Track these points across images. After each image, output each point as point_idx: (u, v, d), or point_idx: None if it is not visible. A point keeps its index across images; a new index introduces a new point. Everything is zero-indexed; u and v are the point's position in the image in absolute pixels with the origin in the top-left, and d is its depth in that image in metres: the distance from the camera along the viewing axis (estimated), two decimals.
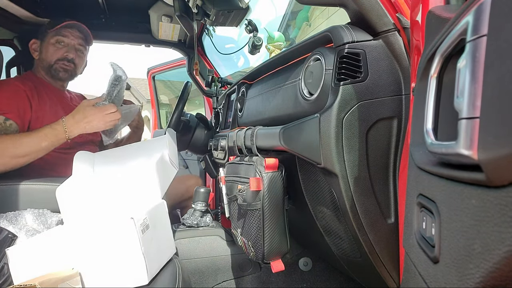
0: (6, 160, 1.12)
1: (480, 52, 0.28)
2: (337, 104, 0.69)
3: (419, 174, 0.42)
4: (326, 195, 0.81)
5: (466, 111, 0.29)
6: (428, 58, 0.42)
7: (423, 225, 0.41)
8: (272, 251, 0.92)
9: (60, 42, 1.44)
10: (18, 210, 1.08)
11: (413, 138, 0.47)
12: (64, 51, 1.45)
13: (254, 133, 0.99)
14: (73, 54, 1.47)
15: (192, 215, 1.43)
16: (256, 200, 0.90)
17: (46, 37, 1.44)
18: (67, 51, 1.45)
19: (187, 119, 1.76)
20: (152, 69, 3.09)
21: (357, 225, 0.74)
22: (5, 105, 1.23)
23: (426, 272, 0.39)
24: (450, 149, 0.32)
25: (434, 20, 0.47)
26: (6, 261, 0.82)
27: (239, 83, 1.37)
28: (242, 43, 1.72)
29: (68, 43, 1.46)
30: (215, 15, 1.30)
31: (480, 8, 0.29)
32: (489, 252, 0.27)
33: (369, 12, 0.71)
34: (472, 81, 0.29)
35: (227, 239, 1.36)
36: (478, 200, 0.29)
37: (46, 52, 1.44)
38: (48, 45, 1.44)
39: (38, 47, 1.46)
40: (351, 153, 0.70)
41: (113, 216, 0.88)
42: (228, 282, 1.32)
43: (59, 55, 1.44)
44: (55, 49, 1.44)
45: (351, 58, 0.70)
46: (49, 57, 1.44)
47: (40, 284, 0.75)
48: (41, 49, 1.45)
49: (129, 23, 1.97)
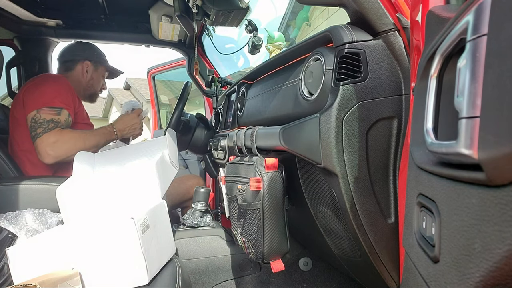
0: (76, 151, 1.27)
1: (480, 52, 0.28)
2: (337, 104, 0.69)
3: (419, 174, 0.42)
4: (326, 195, 0.81)
5: (466, 110, 0.29)
6: (428, 57, 0.42)
7: (423, 224, 0.41)
8: (272, 251, 0.92)
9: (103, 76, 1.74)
10: (18, 210, 1.08)
11: (413, 137, 0.47)
12: (102, 83, 1.75)
13: (254, 133, 0.99)
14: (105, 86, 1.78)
15: (192, 215, 1.43)
16: (256, 200, 0.90)
17: (100, 68, 1.69)
18: (103, 84, 1.76)
19: (187, 119, 1.76)
20: (152, 69, 3.09)
21: (357, 225, 0.74)
22: (67, 100, 1.40)
23: (426, 272, 0.39)
24: (450, 148, 0.32)
25: (434, 20, 0.47)
26: (6, 261, 0.82)
27: (239, 83, 1.37)
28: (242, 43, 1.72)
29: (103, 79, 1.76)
30: (215, 15, 1.30)
31: (480, 7, 0.29)
32: (489, 252, 0.27)
33: (369, 12, 0.71)
34: (472, 80, 0.29)
35: (227, 239, 1.36)
36: (478, 200, 0.29)
37: (97, 80, 1.69)
38: (98, 75, 1.69)
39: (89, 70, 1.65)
40: (351, 153, 0.70)
41: (113, 216, 0.88)
42: (228, 282, 1.32)
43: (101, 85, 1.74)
44: (99, 81, 1.71)
45: (351, 58, 0.70)
46: (96, 86, 1.70)
47: (40, 284, 0.75)
48: (92, 75, 1.67)
49: (129, 23, 1.97)
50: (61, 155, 1.31)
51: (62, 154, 1.31)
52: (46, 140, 1.29)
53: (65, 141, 1.32)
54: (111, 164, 1.20)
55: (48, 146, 1.29)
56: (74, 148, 1.31)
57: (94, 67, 1.66)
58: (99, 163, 1.21)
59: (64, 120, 1.36)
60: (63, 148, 1.31)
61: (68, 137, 1.33)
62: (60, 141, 1.30)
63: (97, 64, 1.68)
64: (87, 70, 1.64)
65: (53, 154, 1.29)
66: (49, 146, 1.29)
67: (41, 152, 1.30)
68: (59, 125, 1.33)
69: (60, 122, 1.34)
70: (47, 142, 1.29)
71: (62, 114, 1.36)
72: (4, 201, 1.12)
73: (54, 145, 1.29)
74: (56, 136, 1.30)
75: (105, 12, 1.83)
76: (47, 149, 1.29)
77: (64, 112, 1.36)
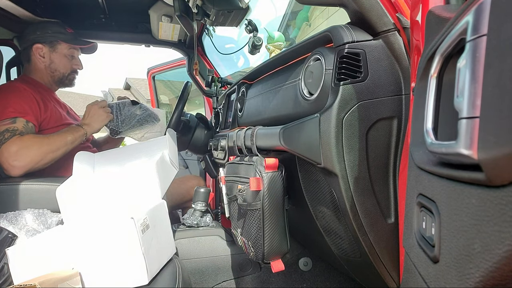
0: (44, 155, 1.22)
1: (480, 52, 0.28)
2: (337, 104, 0.69)
3: (419, 174, 0.42)
4: (326, 195, 0.81)
5: (466, 110, 0.29)
6: (428, 58, 0.42)
7: (423, 225, 0.41)
8: (272, 251, 0.92)
9: (71, 55, 1.55)
10: (18, 210, 1.08)
11: (413, 138, 0.47)
12: (74, 63, 1.57)
13: (254, 133, 0.99)
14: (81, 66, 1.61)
15: (192, 215, 1.43)
16: (256, 200, 0.90)
17: (58, 47, 1.50)
18: (77, 64, 1.58)
19: (187, 119, 1.76)
20: (152, 69, 3.09)
21: (357, 225, 0.74)
22: (21, 107, 1.28)
23: (426, 272, 0.39)
24: (450, 148, 0.32)
25: (434, 20, 0.47)
26: (6, 261, 0.82)
27: (239, 83, 1.37)
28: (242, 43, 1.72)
29: (76, 56, 1.59)
30: (215, 15, 1.30)
31: (480, 7, 0.29)
32: (489, 252, 0.27)
33: (369, 12, 0.71)
34: (472, 80, 0.29)
35: (227, 239, 1.36)
36: (478, 200, 0.29)
37: (59, 62, 1.51)
38: (61, 56, 1.51)
39: (45, 54, 1.48)
40: (351, 153, 0.70)
41: (113, 216, 0.88)
42: (228, 282, 1.32)
43: (71, 67, 1.55)
44: (67, 61, 1.53)
45: (351, 58, 0.70)
46: (62, 68, 1.52)
47: (40, 284, 0.75)
48: (51, 58, 1.49)
49: (129, 23, 1.97)
50: (28, 163, 1.19)
51: (28, 162, 1.19)
52: (6, 151, 1.16)
53: (28, 147, 1.19)
54: (111, 164, 1.20)
55: (10, 157, 1.16)
56: (40, 153, 1.21)
57: (50, 48, 1.48)
58: (99, 163, 1.21)
59: (23, 126, 1.23)
60: (28, 155, 1.18)
61: (30, 142, 1.20)
62: (22, 148, 1.18)
63: (53, 43, 1.48)
64: (42, 54, 1.47)
65: (18, 165, 1.17)
66: (11, 157, 1.16)
67: (5, 166, 1.18)
68: (17, 133, 1.20)
69: (17, 129, 1.21)
70: (8, 153, 1.16)
71: (18, 122, 1.23)
72: (4, 201, 1.12)
73: (17, 154, 1.17)
74: (16, 144, 1.17)
75: (105, 12, 1.83)
76: (10, 161, 1.16)
77: (19, 120, 1.24)
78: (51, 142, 1.26)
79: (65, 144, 1.30)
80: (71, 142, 1.33)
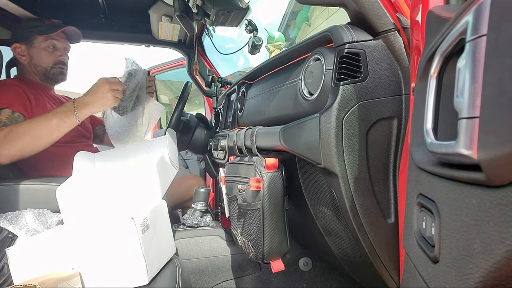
0: (33, 143, 1.18)
1: (480, 52, 0.28)
2: (337, 104, 0.69)
3: (419, 174, 0.42)
4: (326, 195, 0.81)
5: (466, 110, 0.29)
6: (428, 58, 0.42)
7: (423, 225, 0.41)
8: (272, 251, 0.92)
9: (52, 46, 1.45)
10: (18, 210, 1.08)
11: (413, 138, 0.47)
12: (58, 55, 1.47)
13: (254, 133, 0.99)
14: (65, 56, 1.51)
15: (192, 215, 1.43)
16: (256, 200, 0.90)
17: (34, 42, 1.43)
18: (61, 55, 1.48)
19: (187, 119, 1.76)
20: (152, 69, 3.09)
21: (357, 225, 0.74)
22: (9, 100, 1.26)
23: (426, 272, 0.39)
24: (450, 149, 0.32)
25: (434, 20, 0.47)
26: (6, 261, 0.82)
27: (239, 83, 1.37)
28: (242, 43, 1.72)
29: (60, 46, 1.48)
30: (215, 15, 1.30)
31: (480, 8, 0.29)
32: (489, 252, 0.27)
33: (369, 12, 0.71)
34: (472, 80, 0.29)
35: (227, 239, 1.36)
36: (478, 200, 0.29)
37: (39, 57, 1.44)
38: (39, 50, 1.43)
39: (24, 52, 1.44)
40: (351, 153, 0.70)
41: (113, 216, 0.88)
42: (228, 282, 1.32)
43: (54, 59, 1.46)
44: (48, 54, 1.45)
45: (351, 58, 0.70)
46: (44, 62, 1.44)
47: (40, 284, 0.75)
48: (30, 54, 1.44)
49: (129, 23, 1.97)
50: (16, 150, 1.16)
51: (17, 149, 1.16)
52: None
53: (15, 134, 1.16)
54: (111, 164, 1.20)
55: None
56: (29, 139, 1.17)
57: (27, 45, 1.43)
58: (99, 163, 1.21)
59: (7, 117, 1.21)
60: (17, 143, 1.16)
61: (16, 130, 1.17)
62: (8, 136, 1.15)
63: (30, 39, 1.43)
64: (22, 52, 1.43)
65: (4, 153, 1.16)
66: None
67: None
68: (1, 124, 1.19)
69: (1, 121, 1.20)
70: None
71: (3, 114, 1.22)
72: (4, 201, 1.12)
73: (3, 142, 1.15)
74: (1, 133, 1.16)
75: (105, 12, 1.83)
76: None
77: (5, 111, 1.22)
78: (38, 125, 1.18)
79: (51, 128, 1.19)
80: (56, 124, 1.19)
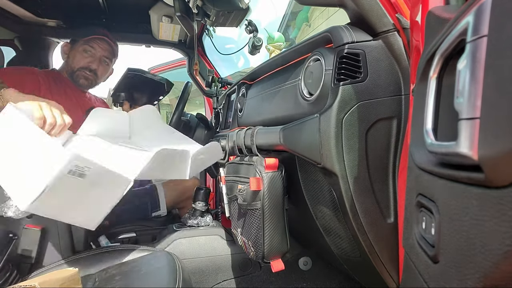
0: None
1: (480, 53, 0.28)
2: (336, 104, 0.69)
3: (419, 174, 0.42)
4: (326, 195, 0.82)
5: (466, 111, 0.29)
6: (428, 58, 0.42)
7: (423, 225, 0.41)
8: (272, 251, 0.92)
9: (87, 51, 1.55)
10: None
11: (413, 138, 0.47)
12: (88, 61, 1.56)
13: (254, 133, 0.99)
14: (96, 65, 1.58)
15: (192, 214, 1.43)
16: (256, 200, 0.90)
17: (77, 44, 1.56)
18: (91, 61, 1.57)
19: (187, 119, 1.76)
20: (152, 69, 3.09)
21: (357, 225, 0.74)
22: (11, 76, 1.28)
23: (426, 272, 0.39)
24: (450, 149, 0.32)
25: (434, 20, 0.47)
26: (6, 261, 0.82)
27: (239, 83, 1.37)
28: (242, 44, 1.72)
29: (94, 54, 1.57)
30: (215, 15, 1.30)
31: (481, 8, 0.29)
32: (489, 252, 0.27)
33: (369, 13, 0.71)
34: (472, 81, 0.29)
35: (227, 239, 1.36)
36: (478, 200, 0.29)
37: (73, 58, 1.56)
38: (76, 52, 1.55)
39: (68, 51, 1.58)
40: (351, 153, 0.70)
41: None
42: (228, 281, 1.32)
43: (83, 63, 1.56)
44: (81, 57, 1.55)
45: (350, 59, 0.70)
46: (74, 63, 1.55)
47: (40, 284, 0.75)
48: (70, 54, 1.57)
49: (129, 23, 1.97)
50: None
51: None
52: None
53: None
54: None
55: None
56: None
57: (72, 46, 1.59)
58: None
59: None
60: None
61: None
62: None
63: (75, 42, 1.59)
64: (65, 51, 1.59)
65: None
66: None
67: None
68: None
69: None
70: None
71: None
72: None
73: None
74: None
75: (105, 12, 1.83)
76: None
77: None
78: None
79: None
80: None
